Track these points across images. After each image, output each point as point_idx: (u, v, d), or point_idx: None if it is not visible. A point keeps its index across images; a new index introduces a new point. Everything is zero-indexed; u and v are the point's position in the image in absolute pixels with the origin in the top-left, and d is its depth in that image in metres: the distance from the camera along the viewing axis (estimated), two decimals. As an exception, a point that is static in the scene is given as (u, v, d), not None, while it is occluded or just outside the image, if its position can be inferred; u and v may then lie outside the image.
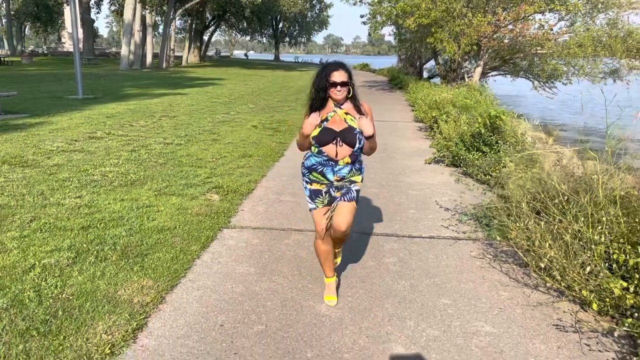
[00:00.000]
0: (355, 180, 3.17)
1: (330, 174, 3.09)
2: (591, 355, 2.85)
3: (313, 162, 3.13)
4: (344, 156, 3.05)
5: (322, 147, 3.04)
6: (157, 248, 4.06)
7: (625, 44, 17.73)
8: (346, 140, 3.02)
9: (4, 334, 2.77)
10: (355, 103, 3.10)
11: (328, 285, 3.43)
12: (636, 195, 3.36)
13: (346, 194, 3.14)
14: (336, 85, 2.96)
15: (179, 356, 2.72)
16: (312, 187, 3.18)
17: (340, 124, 3.04)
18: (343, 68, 2.98)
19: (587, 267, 3.29)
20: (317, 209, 3.20)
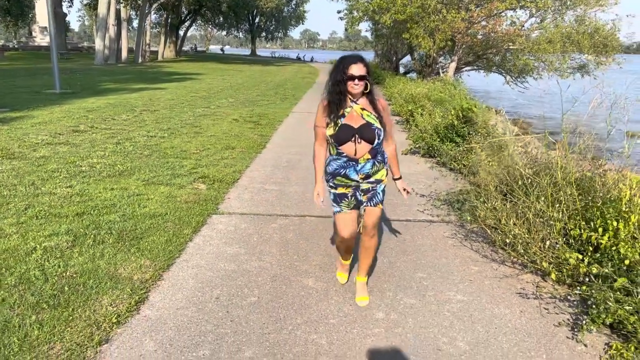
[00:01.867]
0: (381, 179, 3.10)
1: (354, 173, 3.02)
2: (549, 317, 3.21)
3: (335, 167, 3.05)
4: (364, 153, 2.97)
5: (340, 145, 2.95)
6: (151, 232, 4.30)
7: (592, 40, 18.46)
8: (365, 136, 2.93)
9: (16, 307, 3.00)
10: (371, 98, 2.99)
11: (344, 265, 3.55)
12: (589, 177, 3.74)
13: (372, 197, 3.10)
14: (354, 79, 2.85)
15: (180, 324, 2.98)
16: (337, 191, 3.10)
17: (357, 120, 2.95)
18: (362, 61, 2.87)
19: (547, 241, 3.66)
20: (342, 212, 3.12)
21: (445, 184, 6.24)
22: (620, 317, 2.90)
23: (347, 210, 3.12)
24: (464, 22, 17.76)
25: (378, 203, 3.12)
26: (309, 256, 4.04)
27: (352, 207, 3.13)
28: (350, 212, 3.13)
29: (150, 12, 41.59)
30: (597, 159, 3.93)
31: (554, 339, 2.97)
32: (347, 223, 3.14)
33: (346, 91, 2.91)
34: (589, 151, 3.99)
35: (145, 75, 23.58)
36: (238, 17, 59.74)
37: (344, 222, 3.14)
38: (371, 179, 3.06)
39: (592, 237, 3.44)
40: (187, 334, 2.89)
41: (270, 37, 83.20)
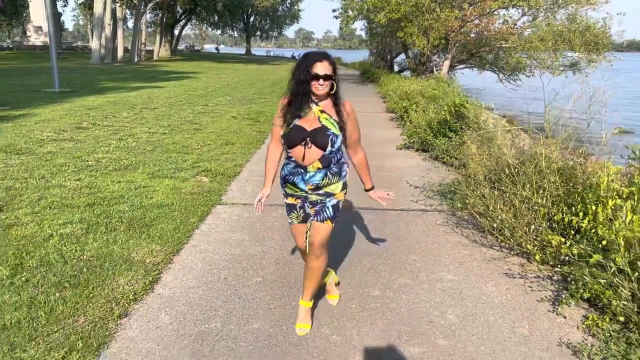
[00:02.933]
0: (333, 192, 2.79)
1: (302, 183, 2.75)
2: (532, 294, 3.48)
3: (286, 171, 2.81)
4: (313, 160, 2.67)
5: (290, 148, 2.70)
6: (160, 220, 4.54)
7: (583, 38, 18.76)
8: (316, 141, 2.65)
9: (40, 286, 3.23)
10: (335, 101, 2.72)
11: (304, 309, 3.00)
12: (570, 165, 4.01)
13: (319, 212, 2.79)
14: (318, 78, 2.58)
15: (192, 301, 3.23)
16: (287, 200, 2.90)
17: (312, 122, 2.67)
18: (328, 59, 2.61)
19: (531, 226, 3.93)
20: (294, 225, 2.96)
21: (438, 176, 6.51)
22: (596, 291, 3.17)
23: (296, 223, 2.92)
24: (458, 21, 18.01)
25: (326, 219, 2.77)
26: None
27: (300, 220, 2.90)
28: (299, 225, 2.92)
29: (146, 11, 41.69)
30: (577, 149, 4.20)
31: (536, 312, 3.24)
32: (298, 232, 2.96)
33: (310, 92, 2.62)
34: (570, 141, 4.25)
35: (142, 74, 23.74)
36: (233, 16, 59.88)
37: (296, 231, 2.97)
38: (321, 191, 2.77)
39: (574, 220, 3.71)
40: (198, 309, 3.14)
41: (265, 36, 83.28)
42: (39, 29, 51.13)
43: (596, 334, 2.93)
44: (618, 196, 3.59)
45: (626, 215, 3.36)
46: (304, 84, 2.61)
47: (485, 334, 2.96)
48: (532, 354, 2.78)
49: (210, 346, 2.76)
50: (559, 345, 2.87)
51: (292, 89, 2.67)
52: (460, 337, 2.92)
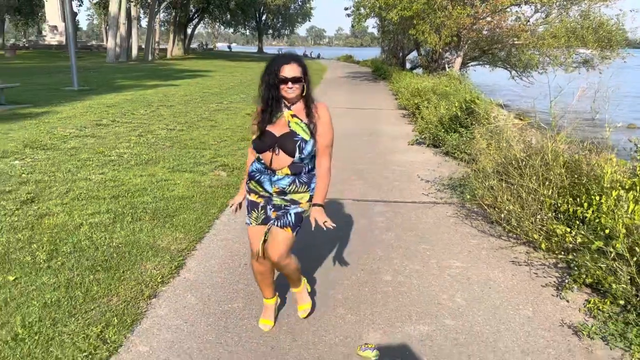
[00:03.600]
0: (298, 201, 2.66)
1: (268, 184, 2.65)
2: (537, 280, 3.65)
3: (254, 168, 2.72)
4: (282, 167, 2.58)
5: (259, 153, 2.61)
6: (182, 211, 4.77)
7: (596, 35, 18.71)
8: (285, 148, 2.54)
9: (75, 270, 3.48)
10: (307, 104, 2.59)
11: (266, 306, 2.99)
12: (576, 158, 4.17)
13: (281, 217, 2.66)
14: (287, 82, 2.46)
15: (215, 284, 3.45)
16: (250, 197, 2.76)
17: (282, 127, 2.57)
18: (296, 61, 2.50)
19: (537, 216, 4.10)
20: (251, 226, 2.77)
21: (449, 170, 6.68)
22: (598, 277, 3.33)
23: (254, 225, 2.75)
24: (470, 18, 18.08)
25: (287, 225, 2.63)
26: (323, 231, 4.48)
27: (260, 222, 2.74)
28: (257, 228, 2.75)
29: (160, 11, 42.14)
30: (582, 143, 4.35)
31: (541, 296, 3.41)
32: (255, 234, 2.77)
33: (280, 96, 2.52)
34: (576, 135, 4.41)
35: (157, 72, 24.10)
36: (245, 15, 60.19)
37: (253, 233, 2.78)
38: (286, 197, 2.65)
39: (578, 211, 3.87)
40: (222, 291, 3.36)
41: (277, 35, 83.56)
42: (55, 29, 51.74)
43: (596, 316, 3.10)
44: (621, 187, 3.74)
45: (628, 205, 3.53)
46: (273, 88, 2.49)
47: (490, 315, 3.15)
48: (534, 333, 2.96)
49: (234, 323, 2.98)
50: (561, 325, 3.04)
51: (262, 94, 2.55)
52: (467, 318, 3.11)
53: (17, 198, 4.91)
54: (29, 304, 3.02)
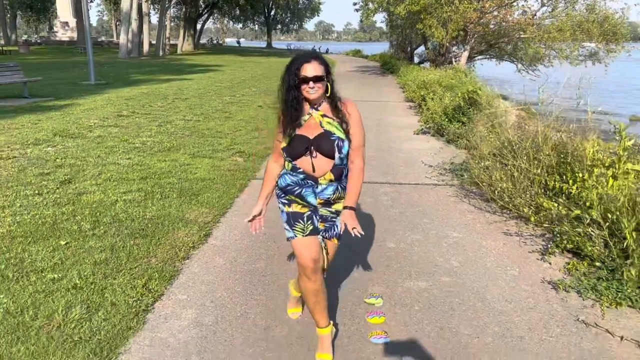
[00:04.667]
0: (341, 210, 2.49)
1: (312, 196, 2.47)
2: (525, 247, 4.09)
3: (288, 181, 2.50)
4: (325, 171, 2.41)
5: (294, 160, 2.42)
6: (205, 190, 5.25)
7: (601, 28, 18.96)
8: (322, 149, 2.38)
9: (117, 236, 3.97)
10: (333, 103, 2.44)
11: (321, 338, 2.64)
12: (562, 140, 4.59)
13: (329, 229, 2.54)
14: (308, 82, 2.32)
15: (239, 249, 3.93)
16: (291, 209, 2.53)
17: (314, 129, 2.40)
18: (317, 59, 2.36)
19: (527, 192, 4.53)
20: (298, 238, 2.49)
21: (451, 156, 7.11)
22: (577, 242, 3.77)
23: (301, 236, 2.48)
24: (476, 12, 18.40)
25: (333, 237, 2.56)
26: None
27: (308, 233, 2.49)
28: (306, 239, 2.48)
29: (170, 6, 42.67)
30: (569, 127, 4.77)
31: (527, 260, 3.85)
32: (308, 247, 2.46)
33: (301, 97, 2.38)
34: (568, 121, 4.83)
35: (169, 67, 24.63)
36: (254, 10, 60.61)
37: (305, 247, 2.46)
38: (331, 208, 2.51)
39: (564, 187, 4.31)
40: (245, 255, 3.84)
41: (286, 30, 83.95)
42: (66, 25, 52.34)
43: (574, 274, 3.54)
44: (602, 165, 4.18)
45: (607, 181, 3.96)
46: (294, 89, 2.35)
47: (481, 274, 3.60)
48: (518, 287, 3.41)
49: (257, 279, 3.45)
50: (542, 282, 3.49)
51: (283, 96, 2.41)
52: (460, 276, 3.56)
53: (56, 179, 5.42)
54: (82, 262, 3.51)
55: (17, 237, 3.89)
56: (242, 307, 3.10)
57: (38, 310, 2.90)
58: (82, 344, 2.61)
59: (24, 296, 3.04)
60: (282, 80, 2.42)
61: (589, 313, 3.10)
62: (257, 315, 3.01)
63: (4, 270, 3.35)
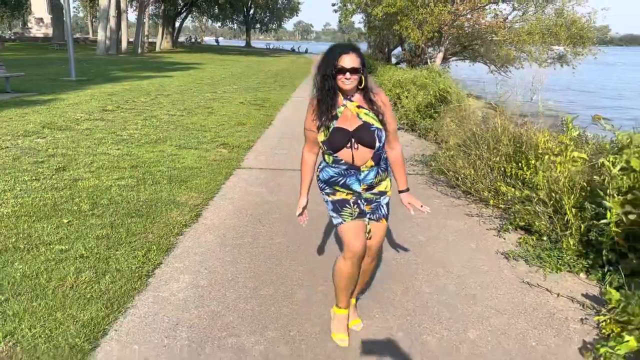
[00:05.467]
0: (385, 190, 2.67)
1: (356, 184, 2.55)
2: (484, 225, 4.59)
3: (331, 173, 2.59)
4: (365, 160, 2.50)
5: (336, 153, 2.50)
6: (193, 177, 5.63)
7: (569, 32, 19.82)
8: (363, 141, 2.47)
9: (115, 215, 4.34)
10: (366, 94, 2.52)
11: (339, 317, 2.79)
12: (518, 131, 5.11)
13: (375, 210, 2.64)
14: (345, 72, 2.39)
15: (228, 227, 4.33)
16: (336, 197, 2.62)
17: (353, 121, 2.48)
18: (355, 51, 2.42)
19: (487, 178, 5.04)
20: (346, 223, 2.58)
21: (422, 149, 7.61)
22: (528, 220, 4.27)
23: (351, 221, 2.58)
24: (450, 15, 19.07)
25: (381, 217, 2.67)
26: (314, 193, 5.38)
27: (356, 217, 2.59)
28: (353, 223, 2.58)
29: (149, 4, 42.55)
30: (523, 118, 5.30)
31: (485, 236, 4.35)
32: (356, 232, 2.56)
33: (336, 87, 2.45)
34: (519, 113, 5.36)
35: (149, 64, 24.74)
36: (234, 9, 60.70)
37: (353, 231, 2.56)
38: (374, 190, 2.63)
39: (519, 173, 4.82)
40: (233, 232, 4.24)
41: (265, 29, 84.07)
42: (41, 21, 51.63)
43: (523, 247, 4.04)
44: (552, 153, 4.69)
45: (556, 167, 4.48)
46: (330, 78, 2.43)
47: (444, 247, 4.08)
48: (475, 257, 3.89)
49: (245, 251, 3.87)
50: (496, 253, 3.98)
51: (318, 84, 2.48)
52: (425, 248, 4.03)
53: (51, 167, 5.73)
54: (85, 237, 3.88)
55: (22, 217, 4.22)
56: (232, 273, 3.51)
57: (51, 274, 3.26)
58: (95, 301, 2.99)
59: (36, 263, 3.40)
60: (318, 69, 2.48)
61: (533, 277, 3.60)
62: (247, 279, 3.43)
63: (15, 243, 3.70)
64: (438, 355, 2.67)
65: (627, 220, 3.44)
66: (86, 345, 2.57)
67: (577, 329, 2.96)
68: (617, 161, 3.55)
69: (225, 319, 2.92)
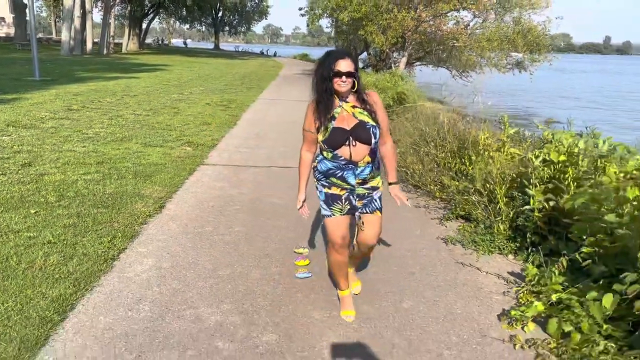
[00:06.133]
0: (377, 186, 2.91)
1: (352, 177, 2.78)
2: (429, 215, 4.99)
3: (329, 166, 2.80)
4: (362, 156, 2.74)
5: (335, 150, 2.74)
6: (158, 173, 5.87)
7: (525, 39, 20.69)
8: (360, 138, 2.70)
9: (81, 206, 4.55)
10: (360, 96, 2.78)
11: (343, 298, 3.12)
12: (461, 130, 5.55)
13: (368, 204, 2.88)
14: (341, 75, 2.64)
15: (190, 217, 4.60)
16: (330, 190, 2.85)
17: (349, 120, 2.73)
18: (350, 57, 2.69)
19: (434, 172, 5.45)
20: (334, 217, 2.84)
21: (380, 148, 8.02)
22: (467, 209, 4.69)
23: (338, 215, 2.84)
24: (413, 21, 19.68)
25: (375, 210, 2.90)
26: (275, 187, 5.71)
27: (345, 213, 2.84)
28: (342, 218, 2.85)
29: (115, 4, 42.07)
30: (467, 118, 5.74)
31: (429, 224, 4.75)
32: (340, 225, 2.84)
33: (333, 89, 2.69)
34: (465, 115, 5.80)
35: (115, 65, 24.57)
36: (202, 11, 60.44)
37: (337, 225, 2.83)
38: (367, 185, 2.85)
39: (462, 168, 5.25)
40: (195, 221, 4.52)
41: (234, 32, 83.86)
42: (2, 20, 50.29)
43: (462, 233, 4.45)
44: (491, 149, 5.13)
45: (494, 162, 4.91)
46: (327, 81, 2.67)
47: (390, 234, 4.43)
48: (418, 242, 4.28)
49: (206, 237, 4.15)
50: (437, 239, 4.38)
51: (316, 87, 2.74)
52: (373, 235, 4.39)
53: (17, 162, 5.87)
54: (52, 226, 4.09)
55: (-10, 208, 4.40)
56: (193, 257, 3.79)
57: (21, 258, 3.48)
58: (63, 280, 3.23)
59: (6, 248, 3.61)
60: (316, 73, 2.74)
61: (467, 258, 4.01)
62: (206, 262, 3.72)
63: (-16, 231, 3.89)
64: (374, 320, 3.03)
65: (548, 207, 3.88)
66: (55, 317, 2.82)
67: (498, 299, 3.37)
68: (539, 155, 3.99)
69: (185, 295, 3.21)
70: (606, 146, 3.70)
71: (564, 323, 2.84)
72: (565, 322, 2.85)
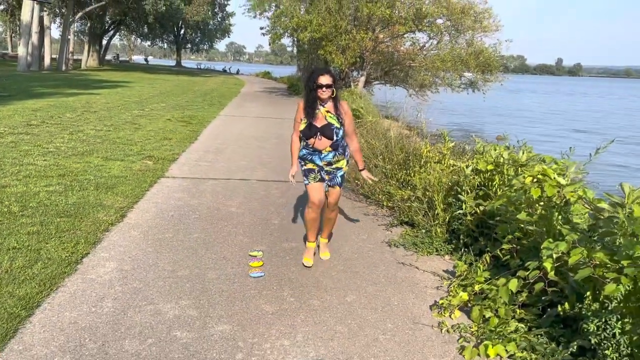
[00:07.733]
0: (341, 167, 4.02)
1: (318, 160, 3.94)
2: (377, 222, 5.39)
3: (304, 152, 4.01)
4: (324, 147, 3.87)
5: (307, 140, 3.87)
6: (119, 185, 6.07)
7: (477, 60, 21.73)
8: (325, 134, 3.83)
9: (44, 215, 4.73)
10: (335, 103, 3.87)
11: (308, 248, 4.20)
12: (407, 143, 6.01)
13: (332, 179, 4.01)
14: (322, 87, 3.71)
15: (151, 225, 4.84)
16: (306, 166, 4.01)
17: (321, 120, 3.82)
18: (329, 73, 3.80)
19: (381, 183, 5.87)
20: (310, 184, 4.00)
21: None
22: (410, 216, 5.11)
23: (314, 182, 3.99)
24: (371, 42, 20.43)
25: (336, 185, 4.04)
26: (232, 198, 6.01)
27: (317, 180, 4.00)
28: (315, 184, 3.99)
29: (74, 20, 41.59)
30: (413, 131, 6.21)
31: (375, 230, 5.14)
32: (316, 190, 3.97)
33: (317, 97, 3.77)
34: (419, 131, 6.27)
35: (74, 82, 24.34)
36: (163, 28, 60.25)
37: (314, 189, 3.98)
38: (332, 166, 3.98)
39: (407, 179, 5.68)
40: (156, 229, 4.77)
41: (196, 49, 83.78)
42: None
43: (405, 237, 4.86)
44: (432, 161, 5.60)
45: (434, 172, 5.36)
46: (313, 91, 3.78)
47: (340, 238, 4.81)
48: (364, 245, 4.66)
49: (166, 243, 4.41)
50: (382, 242, 4.77)
51: (305, 95, 3.89)
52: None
53: (-23, 175, 5.97)
54: (17, 233, 4.27)
55: (-48, 218, 4.53)
56: (153, 260, 4.05)
57: (-14, 262, 3.66)
58: (28, 281, 3.44)
59: (-29, 254, 3.78)
60: (305, 85, 3.93)
61: (407, 259, 4.41)
62: (166, 264, 3.98)
63: (-52, 238, 4.04)
64: (319, 311, 3.37)
65: (479, 211, 4.34)
66: (23, 313, 3.04)
67: (432, 293, 3.77)
68: (470, 164, 4.46)
69: (145, 293, 3.47)
70: (525, 156, 4.18)
71: (485, 310, 3.26)
72: (486, 309, 3.27)
